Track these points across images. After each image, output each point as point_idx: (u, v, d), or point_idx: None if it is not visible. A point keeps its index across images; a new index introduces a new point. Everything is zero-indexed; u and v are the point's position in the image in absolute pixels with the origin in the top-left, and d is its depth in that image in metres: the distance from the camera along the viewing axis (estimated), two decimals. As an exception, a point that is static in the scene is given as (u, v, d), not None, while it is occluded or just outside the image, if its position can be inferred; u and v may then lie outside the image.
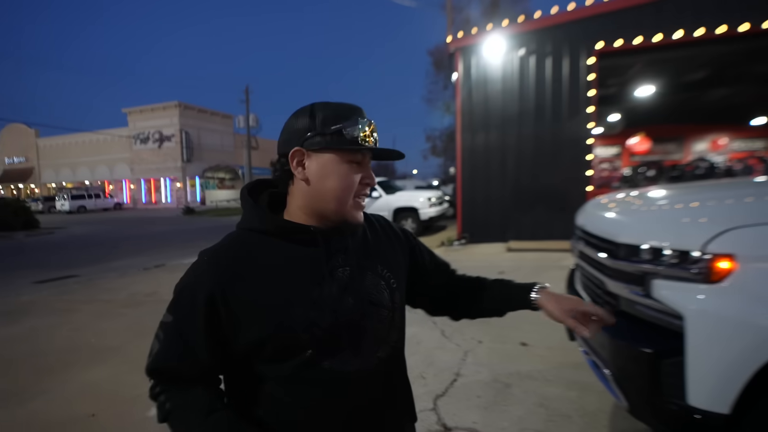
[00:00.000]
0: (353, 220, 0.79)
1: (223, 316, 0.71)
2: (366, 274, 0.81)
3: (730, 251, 1.30)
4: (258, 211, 0.79)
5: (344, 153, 0.76)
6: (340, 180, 0.76)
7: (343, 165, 0.76)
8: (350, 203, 0.77)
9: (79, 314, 4.81)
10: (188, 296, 0.73)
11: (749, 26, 6.76)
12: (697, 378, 1.31)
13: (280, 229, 0.77)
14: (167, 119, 34.76)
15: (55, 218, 24.40)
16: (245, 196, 0.83)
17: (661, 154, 16.37)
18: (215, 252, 0.77)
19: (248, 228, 0.79)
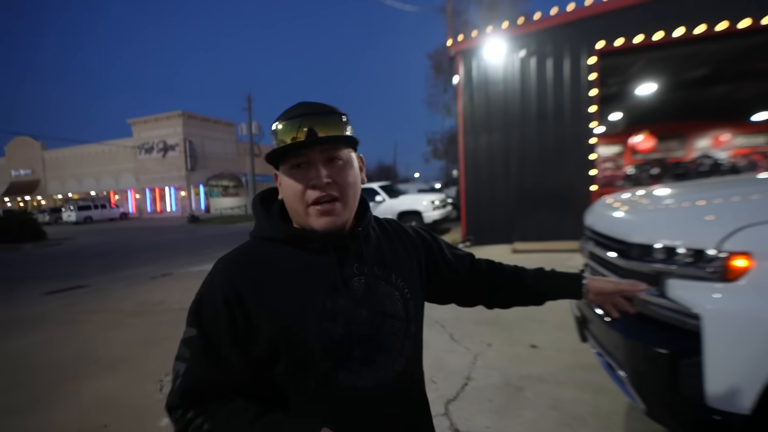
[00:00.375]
0: (321, 230, 0.74)
1: (240, 321, 0.70)
2: (380, 284, 0.79)
3: (746, 249, 1.28)
4: (270, 219, 0.79)
5: (285, 162, 0.73)
6: (287, 191, 0.74)
7: (287, 175, 0.74)
8: (306, 213, 0.73)
9: (89, 325, 4.83)
10: (208, 305, 0.72)
11: (750, 22, 6.74)
12: (715, 378, 1.30)
13: (292, 238, 0.76)
14: (171, 129, 35.03)
15: (62, 229, 24.58)
16: (257, 205, 0.83)
17: (663, 151, 16.30)
18: (231, 259, 0.76)
19: (261, 237, 0.78)
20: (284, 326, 0.70)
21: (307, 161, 0.72)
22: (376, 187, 11.02)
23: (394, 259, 0.84)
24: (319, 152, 0.72)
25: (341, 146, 0.75)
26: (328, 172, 0.72)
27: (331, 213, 0.73)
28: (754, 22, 6.73)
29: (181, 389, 0.70)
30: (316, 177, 0.71)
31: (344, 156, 0.75)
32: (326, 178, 0.72)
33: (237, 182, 37.84)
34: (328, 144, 0.73)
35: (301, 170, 0.72)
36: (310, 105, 0.74)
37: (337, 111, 0.75)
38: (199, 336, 0.71)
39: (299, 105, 0.75)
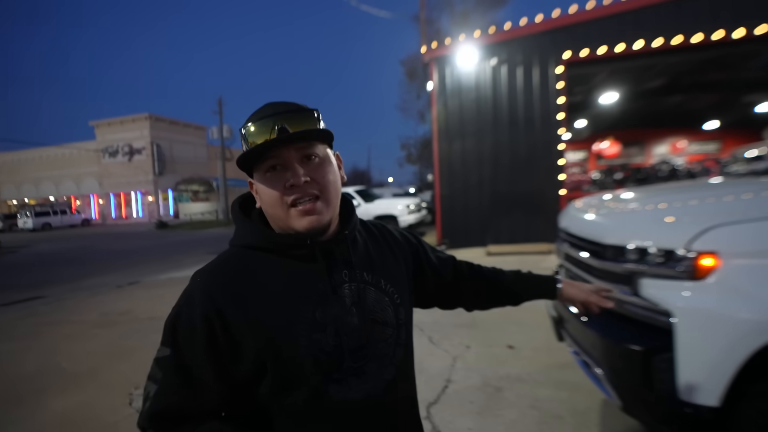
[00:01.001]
0: (304, 231, 0.70)
1: (221, 338, 0.66)
2: (369, 290, 0.76)
3: (713, 248, 1.36)
4: (251, 226, 0.74)
5: (259, 167, 0.70)
6: (265, 196, 0.71)
7: (261, 181, 0.71)
8: (288, 215, 0.70)
9: (48, 337, 4.55)
10: (186, 322, 0.67)
11: (702, 37, 7.21)
12: (686, 373, 1.36)
13: (277, 245, 0.72)
14: (137, 132, 33.73)
15: (18, 237, 23.10)
16: (236, 211, 0.78)
17: (625, 157, 17.15)
18: (210, 271, 0.71)
19: (242, 245, 0.73)
20: (270, 340, 0.66)
21: (282, 162, 0.69)
22: (351, 192, 10.99)
23: (383, 263, 0.81)
24: (294, 151, 0.69)
25: (316, 143, 0.72)
26: (305, 170, 0.69)
27: (313, 212, 0.69)
28: (705, 37, 7.20)
29: (151, 412, 0.66)
30: (294, 176, 0.68)
31: (320, 153, 0.72)
32: (304, 176, 0.68)
33: (208, 187, 36.79)
34: (302, 140, 0.69)
35: (276, 173, 0.69)
36: (279, 104, 0.71)
37: (307, 107, 0.72)
38: (173, 356, 0.67)
39: (267, 105, 0.71)
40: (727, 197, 1.73)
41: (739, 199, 1.66)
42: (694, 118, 15.62)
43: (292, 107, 0.71)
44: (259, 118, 0.69)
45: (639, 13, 7.51)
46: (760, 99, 12.98)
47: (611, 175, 13.77)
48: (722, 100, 13.04)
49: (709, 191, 1.98)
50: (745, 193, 1.73)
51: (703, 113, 15.02)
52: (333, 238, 0.74)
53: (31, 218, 28.68)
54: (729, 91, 11.85)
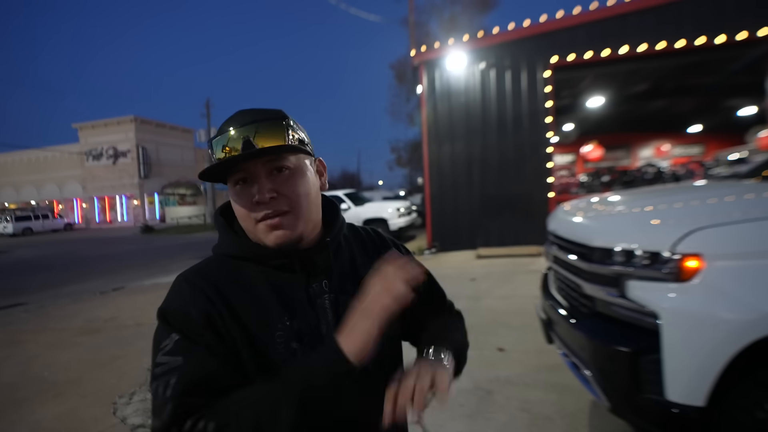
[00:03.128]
0: (273, 245, 0.68)
1: (218, 326, 0.64)
2: (349, 301, 0.69)
3: (697, 251, 1.38)
4: (230, 236, 0.73)
5: (229, 177, 0.69)
6: (236, 210, 0.70)
7: (231, 193, 0.69)
8: (257, 229, 0.68)
9: (29, 345, 4.43)
10: (181, 310, 0.65)
11: (685, 43, 7.38)
12: (673, 373, 1.38)
13: (255, 255, 0.70)
14: (122, 134, 33.16)
15: (-4, 242, 22.53)
16: (218, 219, 0.76)
17: (612, 160, 17.46)
18: (195, 272, 0.70)
19: (223, 253, 0.72)
20: (251, 344, 0.65)
21: (250, 175, 0.66)
22: (341, 195, 10.97)
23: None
24: (261, 164, 0.66)
25: (287, 154, 0.68)
26: (272, 185, 0.66)
27: (280, 227, 0.67)
28: (688, 43, 7.38)
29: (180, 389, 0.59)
30: (258, 192, 0.66)
31: (292, 164, 0.68)
32: (270, 192, 0.66)
33: (195, 190, 36.38)
34: (266, 155, 0.66)
35: (245, 186, 0.67)
36: (248, 113, 0.68)
37: (277, 116, 0.68)
38: (183, 338, 0.63)
39: (237, 114, 0.69)
40: (711, 200, 1.76)
41: (722, 201, 1.70)
42: (678, 122, 15.98)
43: (258, 116, 0.67)
44: (224, 131, 0.66)
45: (624, 19, 7.67)
46: (741, 103, 13.34)
47: (598, 178, 13.98)
48: (705, 104, 13.36)
49: (694, 194, 2.02)
50: (728, 196, 1.77)
51: (687, 117, 15.37)
52: (314, 246, 0.72)
53: (11, 223, 27.99)
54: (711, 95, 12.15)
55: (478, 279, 5.86)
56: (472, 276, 6.05)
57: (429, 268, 0.93)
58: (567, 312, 1.93)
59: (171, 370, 0.61)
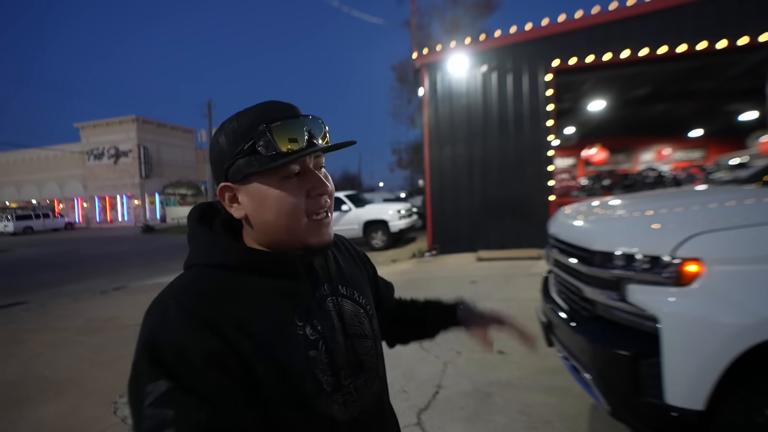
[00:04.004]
0: (317, 244, 0.65)
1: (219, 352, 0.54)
2: (346, 303, 0.72)
3: (697, 255, 1.39)
4: (223, 242, 0.64)
5: (270, 172, 0.60)
6: (278, 207, 0.61)
7: (275, 187, 0.61)
8: (304, 227, 0.63)
9: (30, 344, 4.44)
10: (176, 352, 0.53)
11: (686, 47, 7.40)
12: (673, 377, 1.39)
13: (254, 262, 0.63)
14: (124, 134, 33.24)
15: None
16: (196, 226, 0.67)
17: (613, 164, 17.47)
18: (186, 293, 0.59)
19: (209, 264, 0.63)
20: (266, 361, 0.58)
21: (304, 169, 0.63)
22: (342, 197, 10.98)
23: (351, 274, 0.79)
24: (314, 159, 0.64)
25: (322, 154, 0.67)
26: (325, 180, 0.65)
27: (328, 226, 0.66)
28: (689, 47, 7.39)
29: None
30: (321, 185, 0.63)
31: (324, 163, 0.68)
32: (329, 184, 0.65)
33: (196, 190, 36.40)
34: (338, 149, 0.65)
35: (296, 180, 0.62)
36: (285, 104, 0.64)
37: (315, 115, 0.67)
38: (177, 384, 0.52)
39: (276, 104, 0.63)
40: (711, 204, 1.77)
41: (722, 206, 1.71)
42: (679, 126, 15.98)
43: (301, 112, 0.65)
44: (287, 118, 0.61)
45: (626, 24, 7.69)
46: (742, 108, 13.35)
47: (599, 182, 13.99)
48: (706, 108, 13.38)
49: (694, 198, 2.03)
50: (728, 201, 1.78)
51: (688, 121, 15.38)
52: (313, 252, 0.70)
53: (12, 222, 28.01)
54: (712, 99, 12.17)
55: (479, 282, 5.87)
56: (473, 279, 6.06)
57: (429, 270, 1.00)
58: (567, 315, 1.93)
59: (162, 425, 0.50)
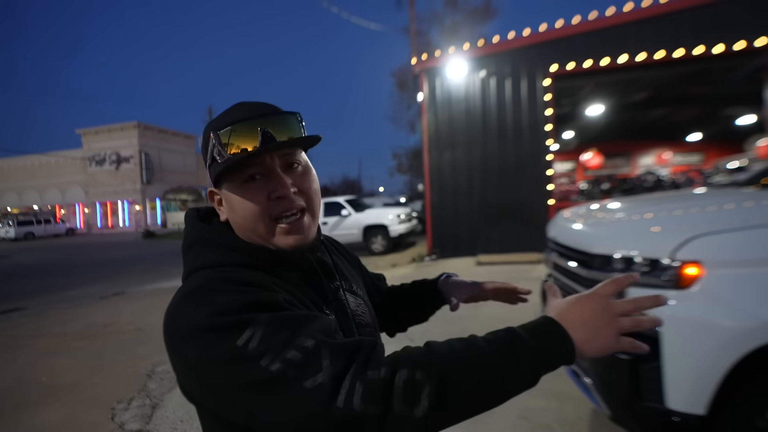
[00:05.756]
0: (288, 247, 0.63)
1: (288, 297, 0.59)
2: (349, 295, 0.74)
3: (696, 258, 1.39)
4: (239, 241, 0.64)
5: (235, 176, 0.61)
6: (241, 210, 0.61)
7: (237, 192, 0.61)
8: (268, 230, 0.62)
9: (28, 350, 4.42)
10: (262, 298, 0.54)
11: (684, 52, 7.44)
12: (673, 381, 1.37)
13: (269, 261, 0.63)
14: (125, 140, 33.37)
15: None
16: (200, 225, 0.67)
17: (611, 168, 17.50)
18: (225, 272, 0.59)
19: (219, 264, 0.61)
20: None
21: (264, 171, 0.61)
22: (342, 201, 10.98)
23: (348, 268, 0.81)
24: (277, 158, 0.62)
25: (298, 150, 0.65)
26: (290, 179, 0.62)
27: (300, 230, 0.63)
28: (686, 52, 7.43)
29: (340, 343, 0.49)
30: (281, 186, 0.61)
31: (303, 160, 0.66)
32: (292, 186, 0.62)
33: (197, 196, 36.43)
34: (292, 146, 0.62)
35: (257, 182, 0.61)
36: (256, 105, 0.63)
37: (290, 111, 0.65)
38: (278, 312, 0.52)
39: (241, 106, 0.63)
40: (711, 207, 1.77)
41: (721, 209, 1.70)
42: (677, 131, 16.03)
43: (271, 109, 0.63)
44: (238, 120, 0.60)
45: (623, 29, 7.73)
46: (740, 112, 13.39)
47: (598, 186, 14.00)
48: (704, 112, 13.42)
49: (693, 202, 2.03)
50: (727, 204, 1.77)
51: (686, 126, 15.43)
52: (315, 246, 0.71)
53: (14, 227, 28.03)
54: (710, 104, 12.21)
55: (479, 286, 5.85)
56: (473, 283, 6.04)
57: (429, 274, 0.99)
58: (567, 319, 1.92)
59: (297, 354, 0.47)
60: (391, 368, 0.47)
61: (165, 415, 2.79)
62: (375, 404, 0.45)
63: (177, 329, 0.53)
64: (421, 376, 0.46)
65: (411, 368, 0.47)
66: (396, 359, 0.48)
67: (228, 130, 0.59)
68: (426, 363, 0.48)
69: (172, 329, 0.54)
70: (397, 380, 0.46)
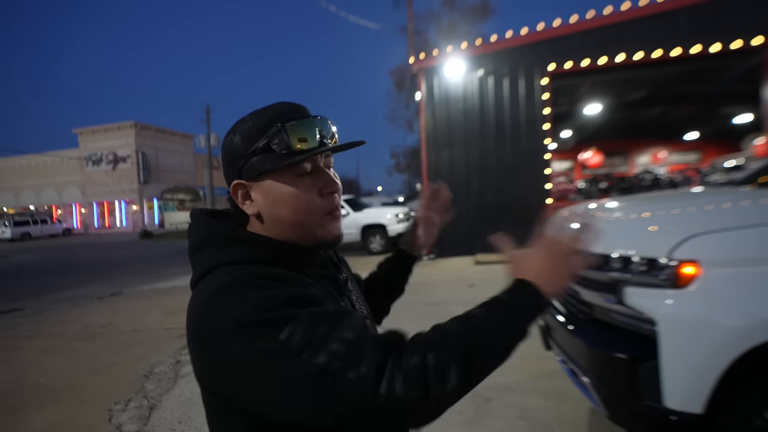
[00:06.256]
0: (329, 239, 0.67)
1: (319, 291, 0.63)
2: (351, 285, 0.79)
3: (694, 257, 1.39)
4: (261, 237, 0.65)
5: (284, 170, 0.63)
6: (293, 203, 0.63)
7: (290, 185, 0.63)
8: (317, 223, 0.65)
9: (25, 351, 4.40)
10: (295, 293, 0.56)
11: (681, 51, 7.46)
12: (671, 380, 1.38)
13: (288, 255, 0.65)
14: (122, 139, 33.25)
15: (-7, 247, 22.44)
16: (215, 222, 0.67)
17: (609, 167, 17.55)
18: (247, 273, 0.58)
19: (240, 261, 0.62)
20: None
21: (316, 167, 0.65)
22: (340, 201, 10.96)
23: (341, 262, 0.85)
24: (325, 158, 0.67)
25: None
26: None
27: (339, 221, 0.70)
28: (684, 51, 7.45)
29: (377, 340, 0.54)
30: (333, 183, 0.67)
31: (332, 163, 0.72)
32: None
33: (194, 196, 36.34)
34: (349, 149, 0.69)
35: (309, 178, 0.64)
36: (295, 105, 0.67)
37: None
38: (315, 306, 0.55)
39: (287, 104, 0.66)
40: (708, 206, 1.77)
41: (718, 208, 1.71)
42: (674, 129, 16.08)
43: (309, 113, 0.68)
44: (301, 118, 0.64)
45: (620, 28, 7.75)
46: (737, 111, 13.44)
47: (596, 185, 14.04)
48: (701, 111, 13.46)
49: (690, 200, 2.03)
50: (724, 203, 1.78)
51: (684, 124, 15.48)
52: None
53: (10, 228, 27.89)
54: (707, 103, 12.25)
55: (477, 285, 5.86)
56: (471, 282, 6.05)
57: (427, 274, 1.00)
58: (565, 318, 1.93)
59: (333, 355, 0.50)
60: (421, 354, 0.52)
61: (163, 417, 2.79)
62: (415, 388, 0.50)
63: (214, 325, 0.53)
64: (446, 356, 0.53)
65: (436, 351, 0.53)
66: (421, 345, 0.54)
67: (294, 124, 0.63)
68: (446, 344, 0.54)
69: (208, 326, 0.54)
70: (428, 364, 0.51)
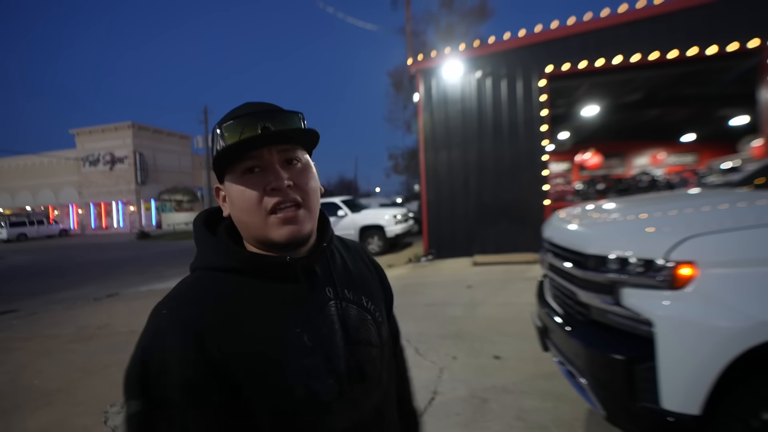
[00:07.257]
0: (281, 241, 0.63)
1: (205, 376, 0.55)
2: (352, 308, 0.70)
3: (691, 258, 1.39)
4: (221, 245, 0.66)
5: (235, 168, 0.63)
6: (239, 202, 0.63)
7: (237, 183, 0.63)
8: (264, 223, 0.62)
9: (20, 353, 4.37)
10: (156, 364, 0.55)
11: (677, 53, 7.49)
12: (668, 381, 1.37)
13: (252, 265, 0.64)
14: (120, 140, 33.15)
15: (-11, 248, 22.31)
16: (200, 227, 0.69)
17: (606, 168, 17.61)
18: (178, 298, 0.61)
19: (210, 267, 0.65)
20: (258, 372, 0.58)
21: (263, 164, 0.62)
22: (338, 202, 10.96)
23: (362, 279, 0.76)
24: (276, 153, 0.63)
25: (299, 148, 0.66)
26: (288, 174, 0.63)
27: (294, 221, 0.63)
28: (680, 53, 7.48)
29: None
30: (276, 179, 0.62)
31: (302, 158, 0.67)
32: (287, 180, 0.62)
33: (192, 196, 36.26)
34: (285, 141, 0.64)
35: (255, 175, 0.62)
36: (259, 104, 0.66)
37: (292, 110, 0.66)
38: (147, 412, 0.55)
39: (247, 105, 0.66)
40: (705, 208, 1.78)
41: (715, 209, 1.71)
42: (671, 131, 16.15)
43: (274, 107, 0.66)
44: (241, 115, 0.62)
45: (618, 30, 7.78)
46: (734, 113, 13.51)
47: (594, 186, 14.07)
48: (698, 113, 13.53)
49: (687, 202, 2.03)
50: (721, 204, 1.78)
51: (680, 126, 15.55)
52: (312, 253, 0.68)
53: (6, 228, 27.76)
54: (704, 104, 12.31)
55: (475, 286, 5.85)
56: (469, 283, 6.04)
57: (425, 275, 0.97)
58: (562, 320, 1.92)
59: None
60: None
61: (159, 418, 2.77)
62: None
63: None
64: None
65: None
66: None
67: (230, 124, 0.62)
68: None
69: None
70: None
